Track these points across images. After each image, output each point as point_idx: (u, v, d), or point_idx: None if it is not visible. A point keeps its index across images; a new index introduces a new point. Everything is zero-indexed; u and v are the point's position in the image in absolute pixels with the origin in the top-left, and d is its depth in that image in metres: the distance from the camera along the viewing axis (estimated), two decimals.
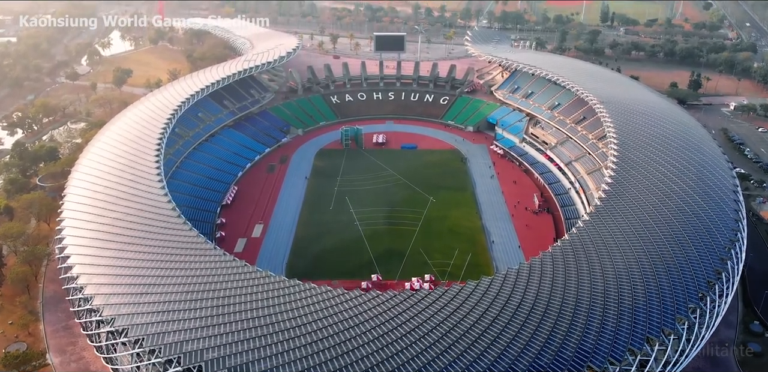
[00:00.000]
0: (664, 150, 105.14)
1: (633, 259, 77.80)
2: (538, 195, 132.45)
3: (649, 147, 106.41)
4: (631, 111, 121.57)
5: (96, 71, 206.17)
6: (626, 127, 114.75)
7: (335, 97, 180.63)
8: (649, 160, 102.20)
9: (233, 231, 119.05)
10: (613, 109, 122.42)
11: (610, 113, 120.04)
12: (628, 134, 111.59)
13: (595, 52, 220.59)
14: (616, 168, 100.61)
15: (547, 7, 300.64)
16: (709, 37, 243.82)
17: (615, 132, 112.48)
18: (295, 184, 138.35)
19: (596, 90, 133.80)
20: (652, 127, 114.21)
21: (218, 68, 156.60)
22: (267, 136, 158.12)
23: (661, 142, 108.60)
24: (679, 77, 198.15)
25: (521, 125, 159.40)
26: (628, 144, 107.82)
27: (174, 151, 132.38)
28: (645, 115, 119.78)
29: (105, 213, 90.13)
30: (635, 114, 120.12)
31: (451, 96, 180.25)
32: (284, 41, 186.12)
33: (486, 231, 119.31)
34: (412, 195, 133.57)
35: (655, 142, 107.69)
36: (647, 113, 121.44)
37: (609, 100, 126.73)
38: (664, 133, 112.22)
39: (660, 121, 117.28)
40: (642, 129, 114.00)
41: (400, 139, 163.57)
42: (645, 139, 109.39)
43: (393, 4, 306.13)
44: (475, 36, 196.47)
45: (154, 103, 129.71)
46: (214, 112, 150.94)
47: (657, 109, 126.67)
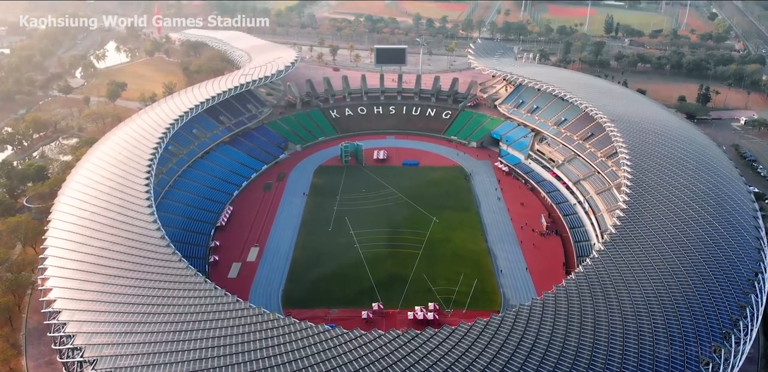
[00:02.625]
0: (679, 172, 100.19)
1: (652, 295, 72.71)
2: (545, 216, 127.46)
3: (663, 169, 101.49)
4: (642, 130, 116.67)
5: (90, 84, 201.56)
6: (639, 147, 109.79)
7: (335, 111, 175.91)
8: (664, 183, 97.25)
9: (227, 255, 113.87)
10: (624, 127, 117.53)
11: (622, 132, 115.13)
12: (641, 155, 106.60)
13: (600, 64, 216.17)
14: (630, 192, 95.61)
15: (550, 17, 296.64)
16: (716, 49, 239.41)
17: (627, 153, 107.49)
18: (292, 203, 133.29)
19: (606, 107, 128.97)
20: (666, 147, 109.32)
21: (214, 83, 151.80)
22: (264, 153, 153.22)
23: (676, 163, 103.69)
24: (686, 90, 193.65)
25: (526, 141, 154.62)
26: (642, 166, 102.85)
27: (167, 170, 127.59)
28: (657, 134, 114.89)
29: (90, 241, 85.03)
30: (647, 133, 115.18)
31: (454, 110, 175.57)
32: (282, 54, 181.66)
33: (492, 254, 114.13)
34: (414, 215, 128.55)
35: (670, 164, 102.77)
36: (659, 132, 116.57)
37: (619, 118, 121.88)
38: (678, 153, 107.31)
39: (673, 141, 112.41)
40: (655, 149, 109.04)
41: (401, 155, 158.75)
42: (659, 161, 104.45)
43: (393, 15, 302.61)
44: (478, 49, 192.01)
45: (146, 120, 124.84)
46: (209, 128, 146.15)
47: (669, 127, 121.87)
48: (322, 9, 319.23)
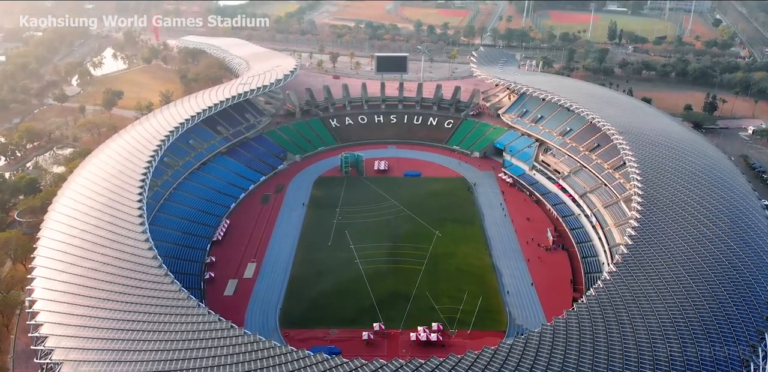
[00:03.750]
0: (691, 187, 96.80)
1: (667, 320, 69.30)
2: (551, 229, 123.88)
3: (674, 184, 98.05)
4: (652, 142, 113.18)
5: (86, 92, 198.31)
6: (648, 161, 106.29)
7: (335, 120, 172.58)
8: (675, 199, 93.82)
9: (223, 271, 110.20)
10: (633, 140, 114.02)
11: (631, 145, 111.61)
12: (651, 170, 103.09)
13: (604, 71, 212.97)
14: (641, 209, 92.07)
15: (552, 24, 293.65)
16: (721, 56, 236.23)
17: (637, 167, 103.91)
18: (291, 217, 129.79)
19: (613, 118, 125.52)
20: (676, 161, 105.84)
21: (212, 92, 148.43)
22: (262, 163, 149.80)
23: (687, 178, 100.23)
24: (692, 99, 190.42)
25: (531, 151, 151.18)
26: (652, 180, 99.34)
27: (162, 183, 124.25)
28: (667, 147, 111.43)
29: (79, 261, 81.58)
30: (657, 146, 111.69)
31: (456, 119, 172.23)
32: (282, 62, 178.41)
33: (497, 271, 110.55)
34: (416, 229, 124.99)
35: (681, 179, 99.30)
36: (669, 144, 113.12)
37: (628, 131, 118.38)
38: (689, 167, 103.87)
39: (683, 154, 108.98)
40: (665, 163, 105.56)
41: (402, 165, 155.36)
42: (669, 175, 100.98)
43: (394, 21, 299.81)
44: (481, 57, 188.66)
45: (140, 132, 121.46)
46: (206, 139, 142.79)
47: (678, 139, 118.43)
48: (322, 15, 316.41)
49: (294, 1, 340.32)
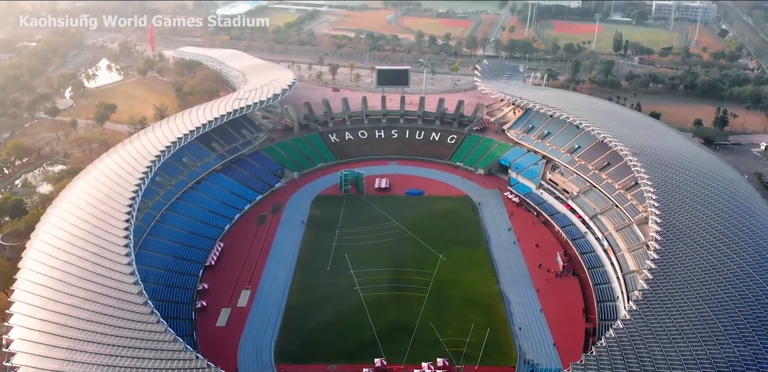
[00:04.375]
0: (712, 215, 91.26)
1: (693, 364, 63.73)
2: (561, 254, 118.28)
3: (693, 211, 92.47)
4: (668, 165, 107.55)
5: (79, 105, 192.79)
6: (665, 185, 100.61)
7: (334, 135, 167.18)
8: (696, 228, 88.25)
9: (216, 299, 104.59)
10: (647, 162, 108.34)
11: (646, 168, 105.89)
12: (668, 195, 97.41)
13: (610, 84, 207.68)
14: (660, 239, 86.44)
15: (556, 34, 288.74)
16: (729, 68, 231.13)
17: (654, 192, 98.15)
18: (288, 238, 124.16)
19: (626, 138, 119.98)
20: (695, 185, 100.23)
21: (206, 108, 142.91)
22: (259, 181, 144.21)
23: (707, 204, 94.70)
24: (701, 113, 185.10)
25: (537, 169, 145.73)
26: (671, 207, 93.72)
27: (153, 204, 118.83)
28: (683, 169, 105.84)
29: (60, 297, 76.15)
30: (673, 168, 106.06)
31: (459, 134, 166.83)
32: (279, 75, 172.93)
33: (505, 299, 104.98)
34: (419, 252, 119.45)
35: (700, 205, 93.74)
36: (685, 166, 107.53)
37: (641, 151, 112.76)
38: (708, 192, 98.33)
39: (701, 177, 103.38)
40: (682, 187, 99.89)
41: (404, 183, 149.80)
42: (688, 201, 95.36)
43: (395, 31, 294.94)
44: (485, 70, 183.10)
45: (130, 151, 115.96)
46: (200, 156, 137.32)
47: (694, 160, 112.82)
48: (322, 25, 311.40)
49: (293, 12, 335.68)
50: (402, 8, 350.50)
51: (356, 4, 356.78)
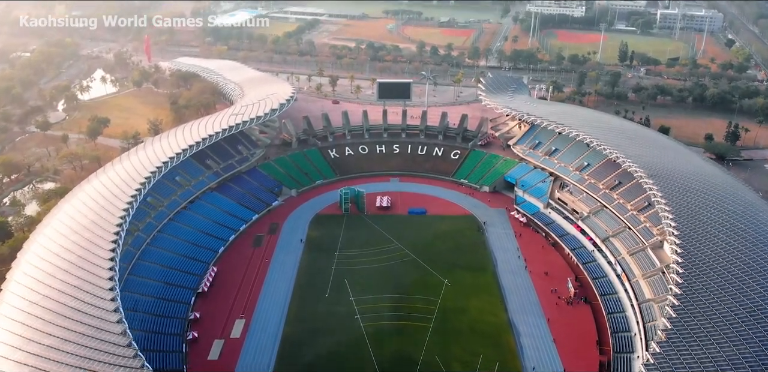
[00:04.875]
0: (736, 244, 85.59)
1: None
2: (572, 279, 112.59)
3: (717, 240, 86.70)
4: (686, 188, 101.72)
5: (72, 118, 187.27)
6: (685, 212, 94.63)
7: (334, 150, 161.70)
8: (721, 259, 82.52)
9: (208, 329, 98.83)
10: (665, 185, 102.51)
11: (663, 191, 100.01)
12: (689, 223, 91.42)
13: (617, 96, 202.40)
14: (682, 272, 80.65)
15: (559, 44, 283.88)
16: (738, 79, 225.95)
17: (673, 219, 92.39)
18: (285, 262, 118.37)
19: (640, 158, 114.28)
20: (716, 211, 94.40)
21: (201, 124, 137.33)
22: (255, 200, 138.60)
23: (730, 232, 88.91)
24: (712, 127, 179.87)
25: (545, 187, 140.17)
26: (692, 236, 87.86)
27: (144, 226, 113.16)
28: (703, 194, 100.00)
29: (38, 337, 70.21)
30: (692, 192, 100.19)
31: (463, 150, 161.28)
32: (278, 89, 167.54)
33: (514, 329, 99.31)
34: (423, 277, 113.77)
35: (723, 234, 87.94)
36: (705, 190, 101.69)
37: (658, 173, 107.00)
38: (731, 219, 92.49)
39: (722, 202, 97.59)
40: (703, 214, 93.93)
41: (407, 201, 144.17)
42: (711, 230, 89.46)
43: (396, 40, 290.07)
44: (489, 84, 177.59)
45: (119, 173, 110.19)
46: (194, 175, 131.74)
47: (712, 182, 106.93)
48: (322, 34, 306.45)
49: (293, 21, 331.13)
50: (403, 17, 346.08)
51: (356, 13, 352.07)
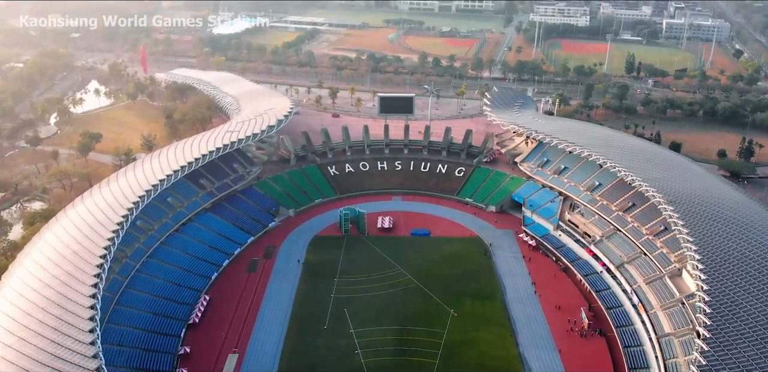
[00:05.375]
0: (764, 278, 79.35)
1: None
2: (585, 309, 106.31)
3: (747, 276, 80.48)
4: (709, 217, 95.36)
5: (64, 133, 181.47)
6: (711, 244, 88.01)
7: (333, 167, 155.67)
8: (752, 298, 76.36)
9: (199, 365, 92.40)
10: (687, 213, 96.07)
11: (685, 220, 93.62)
12: (715, 256, 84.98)
13: (626, 110, 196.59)
14: (710, 312, 74.34)
15: (564, 54, 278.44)
16: (748, 92, 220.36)
17: (697, 250, 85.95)
18: (281, 290, 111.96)
19: (658, 182, 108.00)
20: (743, 243, 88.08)
21: (196, 142, 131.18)
22: (251, 221, 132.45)
23: (761, 267, 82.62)
24: (723, 142, 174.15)
25: (554, 207, 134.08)
26: (720, 272, 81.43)
27: (133, 252, 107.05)
28: (728, 223, 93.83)
29: None
30: (716, 221, 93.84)
31: (468, 167, 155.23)
32: (276, 103, 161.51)
33: (525, 365, 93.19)
34: (427, 306, 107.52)
35: (754, 269, 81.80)
36: (730, 218, 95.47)
37: (678, 199, 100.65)
38: (760, 251, 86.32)
39: (749, 232, 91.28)
40: (730, 246, 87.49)
41: (409, 221, 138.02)
42: (740, 264, 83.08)
43: (397, 51, 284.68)
44: (495, 99, 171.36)
45: (106, 197, 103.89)
46: (187, 195, 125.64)
47: (736, 209, 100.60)
48: (322, 44, 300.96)
49: (293, 30, 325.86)
50: (404, 27, 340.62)
51: (357, 22, 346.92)
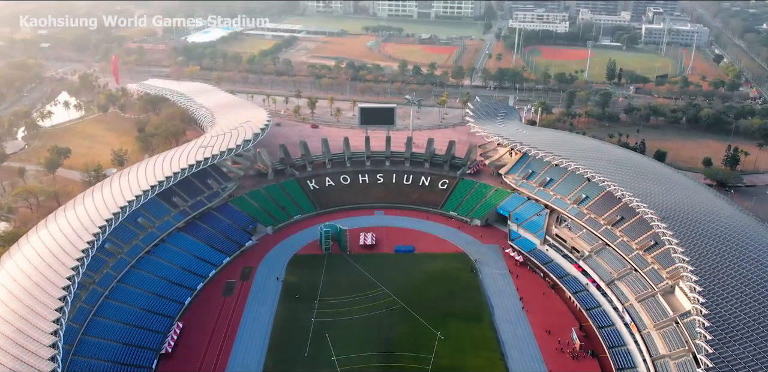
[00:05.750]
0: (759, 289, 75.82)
1: None
2: (576, 329, 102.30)
3: (749, 300, 76.72)
4: (704, 233, 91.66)
5: (32, 148, 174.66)
6: (704, 259, 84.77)
7: (313, 181, 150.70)
8: (754, 324, 72.51)
9: None
10: (678, 227, 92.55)
11: (679, 238, 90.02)
12: (714, 279, 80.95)
13: (609, 118, 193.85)
14: (710, 339, 70.46)
15: (544, 61, 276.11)
16: (730, 97, 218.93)
17: (694, 271, 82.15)
18: (258, 314, 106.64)
19: (649, 196, 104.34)
20: (740, 261, 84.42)
21: (168, 158, 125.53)
22: (227, 240, 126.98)
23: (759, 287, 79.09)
24: (708, 149, 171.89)
25: (541, 220, 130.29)
26: (719, 294, 77.65)
27: (101, 278, 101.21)
28: (721, 237, 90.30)
29: None
30: (712, 239, 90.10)
31: (452, 179, 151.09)
32: (252, 115, 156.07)
33: None
34: (413, 329, 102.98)
35: (756, 292, 78.02)
36: (722, 233, 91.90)
37: (672, 215, 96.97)
38: (757, 270, 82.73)
39: (745, 249, 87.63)
40: (728, 266, 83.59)
41: (393, 237, 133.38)
42: (740, 287, 79.18)
43: (377, 58, 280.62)
44: (478, 110, 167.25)
45: (71, 220, 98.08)
46: (159, 215, 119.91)
47: (729, 224, 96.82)
48: (299, 52, 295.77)
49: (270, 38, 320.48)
50: (383, 34, 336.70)
51: (335, 29, 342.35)
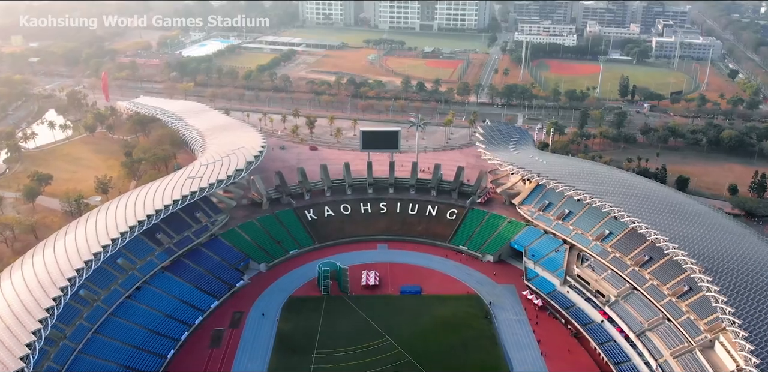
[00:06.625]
0: None
1: None
2: None
3: None
4: (750, 285, 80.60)
5: (12, 172, 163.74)
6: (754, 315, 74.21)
7: (311, 211, 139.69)
8: None
9: None
10: (727, 283, 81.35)
11: (727, 293, 78.98)
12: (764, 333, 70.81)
13: (625, 139, 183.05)
14: None
15: (553, 76, 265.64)
16: (750, 116, 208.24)
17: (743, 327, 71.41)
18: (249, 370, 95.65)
19: (688, 242, 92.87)
20: None
21: (151, 191, 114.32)
22: (216, 281, 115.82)
23: None
24: (732, 174, 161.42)
25: (559, 258, 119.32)
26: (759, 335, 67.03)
27: (72, 331, 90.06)
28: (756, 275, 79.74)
29: None
30: (758, 293, 79.29)
31: (461, 208, 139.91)
32: (245, 141, 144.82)
33: None
34: None
35: None
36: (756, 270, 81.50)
37: (715, 266, 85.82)
38: None
39: None
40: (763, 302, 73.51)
41: (397, 276, 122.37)
42: None
43: (378, 73, 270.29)
44: (488, 134, 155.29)
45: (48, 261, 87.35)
46: (141, 255, 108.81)
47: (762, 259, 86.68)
48: (298, 67, 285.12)
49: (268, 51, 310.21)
50: (385, 47, 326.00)
51: (335, 42, 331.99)
